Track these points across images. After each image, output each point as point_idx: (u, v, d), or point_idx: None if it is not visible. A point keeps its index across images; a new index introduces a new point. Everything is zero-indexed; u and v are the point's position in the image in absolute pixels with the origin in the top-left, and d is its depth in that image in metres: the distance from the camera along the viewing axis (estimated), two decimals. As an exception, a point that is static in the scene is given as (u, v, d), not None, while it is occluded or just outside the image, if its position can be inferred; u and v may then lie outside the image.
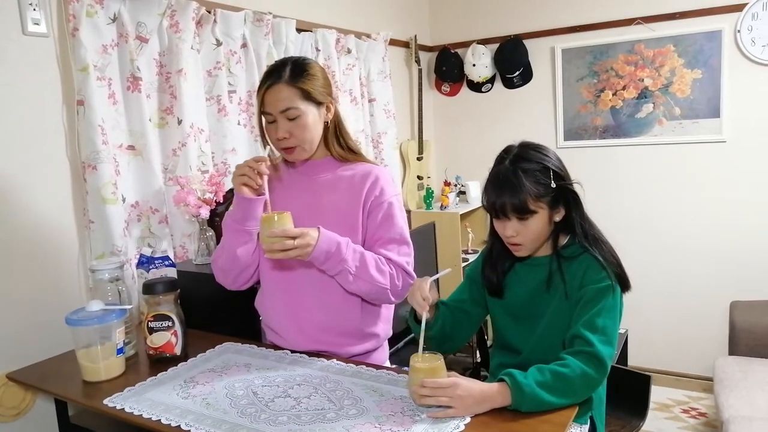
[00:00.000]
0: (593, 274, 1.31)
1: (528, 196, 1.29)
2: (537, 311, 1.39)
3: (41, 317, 1.72)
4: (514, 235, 1.34)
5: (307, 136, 1.47)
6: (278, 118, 1.44)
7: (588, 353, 1.21)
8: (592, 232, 1.37)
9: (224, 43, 2.24)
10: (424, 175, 3.62)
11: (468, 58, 3.58)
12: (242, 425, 1.18)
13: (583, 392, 1.22)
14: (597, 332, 1.23)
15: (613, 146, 3.40)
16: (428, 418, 1.17)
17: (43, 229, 1.74)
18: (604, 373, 1.22)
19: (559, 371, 1.19)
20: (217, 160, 2.23)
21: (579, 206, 1.37)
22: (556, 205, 1.34)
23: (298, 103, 1.44)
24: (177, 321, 1.53)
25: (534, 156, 1.34)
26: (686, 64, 3.15)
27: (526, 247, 1.36)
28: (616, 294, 1.30)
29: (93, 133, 1.76)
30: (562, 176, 1.34)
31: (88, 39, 1.77)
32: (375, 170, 1.55)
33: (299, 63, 1.48)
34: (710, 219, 3.22)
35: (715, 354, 3.01)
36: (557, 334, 1.34)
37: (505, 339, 1.48)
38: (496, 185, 1.33)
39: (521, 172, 1.30)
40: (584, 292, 1.30)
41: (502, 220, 1.35)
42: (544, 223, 1.33)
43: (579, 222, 1.36)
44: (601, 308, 1.27)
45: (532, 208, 1.30)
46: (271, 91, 1.44)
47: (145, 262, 1.71)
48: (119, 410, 1.28)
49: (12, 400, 1.66)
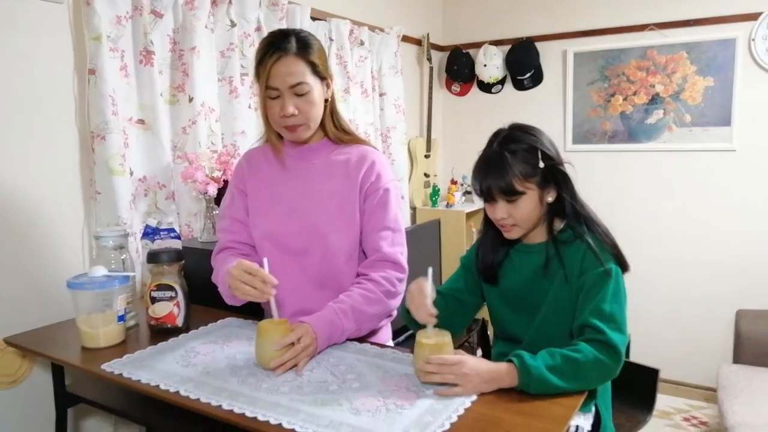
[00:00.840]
0: (591, 259, 1.28)
1: (515, 177, 1.27)
2: (535, 299, 1.36)
3: (42, 285, 1.70)
4: (505, 217, 1.32)
5: (314, 113, 1.42)
6: (285, 94, 1.37)
7: (600, 341, 1.18)
8: (584, 212, 1.35)
9: (238, 25, 2.23)
10: (431, 173, 3.60)
11: (479, 59, 3.58)
12: (242, 393, 1.15)
13: (596, 379, 1.19)
14: (606, 319, 1.20)
15: (622, 151, 3.38)
16: (434, 395, 1.15)
17: (49, 197, 1.72)
18: (618, 360, 1.18)
19: (571, 356, 1.16)
20: (226, 141, 2.21)
21: (569, 187, 1.35)
22: (546, 186, 1.32)
23: (308, 77, 1.38)
24: (180, 292, 1.51)
25: (522, 137, 1.32)
26: (698, 72, 3.13)
27: (519, 227, 1.34)
28: (618, 277, 1.28)
29: (103, 102, 1.75)
30: (550, 156, 1.31)
31: (103, 8, 1.76)
32: (371, 154, 1.51)
33: (303, 34, 1.40)
34: (718, 227, 3.19)
35: (718, 363, 2.98)
36: (558, 320, 1.32)
37: (504, 328, 1.46)
38: (483, 168, 1.32)
39: (508, 153, 1.29)
40: (585, 278, 1.28)
41: (491, 204, 1.34)
42: (534, 204, 1.31)
43: (569, 203, 1.34)
44: (605, 293, 1.24)
45: (520, 189, 1.28)
46: (280, 64, 1.35)
47: (151, 233, 1.69)
48: (117, 375, 1.26)
49: (8, 367, 1.64)
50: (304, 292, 1.50)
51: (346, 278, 1.49)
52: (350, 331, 1.38)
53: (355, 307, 1.38)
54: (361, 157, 1.49)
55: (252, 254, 1.53)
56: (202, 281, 1.73)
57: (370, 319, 1.42)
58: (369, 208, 1.48)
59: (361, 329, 1.42)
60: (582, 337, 1.21)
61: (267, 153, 1.56)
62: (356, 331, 1.40)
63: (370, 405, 1.10)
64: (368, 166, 1.48)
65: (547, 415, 1.07)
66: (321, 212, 1.46)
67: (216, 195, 1.90)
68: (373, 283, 1.43)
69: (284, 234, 1.48)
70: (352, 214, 1.47)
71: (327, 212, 1.46)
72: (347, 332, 1.38)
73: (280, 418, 1.05)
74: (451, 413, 1.07)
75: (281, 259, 1.46)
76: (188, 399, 1.14)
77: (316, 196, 1.48)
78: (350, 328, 1.37)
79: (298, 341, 1.26)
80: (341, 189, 1.47)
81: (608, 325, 1.19)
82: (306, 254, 1.48)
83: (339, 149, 1.52)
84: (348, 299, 1.39)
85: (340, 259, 1.48)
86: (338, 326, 1.35)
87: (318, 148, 1.51)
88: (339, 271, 1.49)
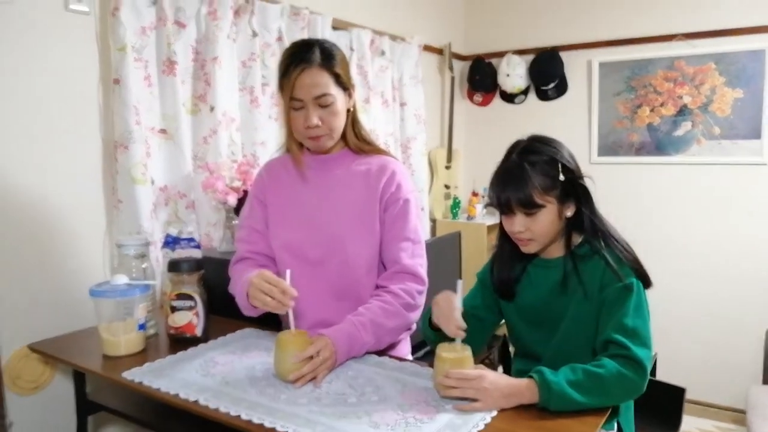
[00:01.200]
0: (611, 274, 1.25)
1: (534, 190, 1.24)
2: (554, 315, 1.32)
3: (66, 293, 1.72)
4: (522, 231, 1.28)
5: (337, 124, 1.42)
6: (309, 105, 1.37)
7: (625, 356, 1.15)
8: (603, 227, 1.31)
9: (260, 35, 2.24)
10: (451, 185, 3.58)
11: (502, 69, 3.55)
12: (261, 404, 1.14)
13: (620, 395, 1.16)
14: (629, 335, 1.17)
15: (649, 164, 3.32)
16: (454, 409, 1.12)
17: (72, 205, 1.74)
18: (643, 376, 1.15)
19: (594, 371, 1.13)
20: (246, 151, 2.22)
21: (589, 201, 1.31)
22: (566, 200, 1.28)
23: (332, 88, 1.38)
24: (200, 301, 1.50)
25: (542, 149, 1.29)
26: (727, 83, 3.07)
27: (537, 242, 1.30)
28: (639, 291, 1.24)
29: (127, 112, 1.77)
30: (571, 170, 1.28)
31: (128, 19, 1.79)
32: (391, 164, 1.50)
33: (327, 45, 1.41)
34: (747, 243, 3.11)
35: (747, 384, 2.89)
36: (578, 337, 1.29)
37: (523, 345, 1.43)
38: (502, 179, 1.29)
39: (528, 165, 1.25)
40: (606, 294, 1.24)
41: (509, 216, 1.30)
42: (553, 218, 1.28)
43: (588, 217, 1.30)
44: (628, 308, 1.21)
45: (539, 202, 1.25)
46: (304, 76, 1.35)
47: (171, 242, 1.70)
48: (137, 383, 1.26)
49: (31, 373, 1.65)
50: (323, 303, 1.48)
51: (365, 290, 1.48)
52: (370, 345, 1.36)
53: (374, 320, 1.36)
54: (382, 167, 1.49)
55: (269, 265, 1.53)
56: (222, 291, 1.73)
57: (389, 332, 1.40)
58: (389, 218, 1.47)
59: (381, 342, 1.40)
60: (606, 353, 1.18)
61: (287, 163, 1.56)
62: (375, 344, 1.38)
63: (389, 418, 1.08)
64: (389, 176, 1.47)
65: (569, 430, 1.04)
66: (341, 222, 1.46)
67: (236, 205, 1.90)
68: (393, 295, 1.41)
69: (304, 244, 1.47)
70: (372, 224, 1.46)
71: (347, 222, 1.45)
72: (366, 345, 1.36)
73: (298, 430, 1.04)
74: (471, 428, 1.05)
75: (301, 270, 1.45)
76: (207, 408, 1.14)
77: (336, 206, 1.47)
78: (370, 341, 1.36)
79: (317, 354, 1.25)
80: (361, 199, 1.47)
81: (632, 341, 1.16)
82: (325, 264, 1.46)
83: (359, 159, 1.51)
84: (367, 312, 1.37)
85: (359, 269, 1.46)
86: (358, 339, 1.33)
87: (338, 158, 1.51)
88: (358, 282, 1.47)
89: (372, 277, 1.49)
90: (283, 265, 1.48)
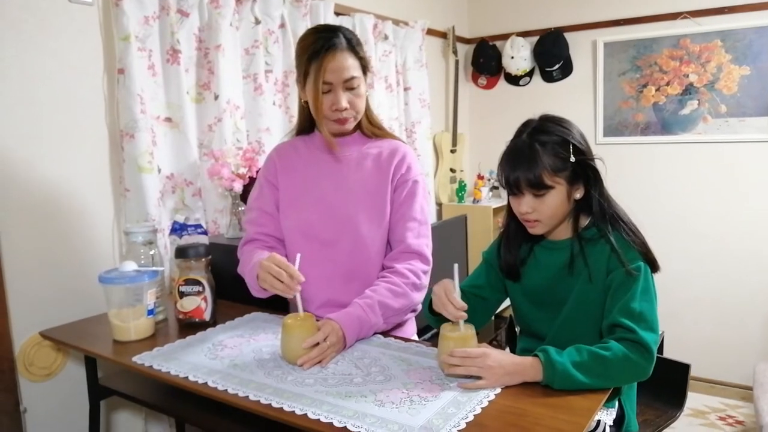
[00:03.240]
0: (618, 257, 1.24)
1: (544, 171, 1.23)
2: (559, 296, 1.32)
3: (76, 280, 1.75)
4: (530, 212, 1.27)
5: (362, 107, 1.47)
6: (337, 88, 1.40)
7: (631, 340, 1.15)
8: (612, 210, 1.29)
9: (263, 22, 2.24)
10: (457, 168, 3.58)
11: (506, 51, 3.53)
12: (268, 385, 1.17)
13: (625, 378, 1.17)
14: (636, 318, 1.17)
15: (655, 144, 3.30)
16: (458, 387, 1.14)
17: (80, 195, 1.76)
18: (650, 359, 1.15)
19: (599, 353, 1.13)
20: (251, 138, 2.23)
21: (599, 183, 1.29)
22: (576, 182, 1.27)
23: (358, 72, 1.43)
24: (207, 286, 1.53)
25: (554, 129, 1.27)
26: (734, 60, 3.04)
27: (543, 223, 1.29)
28: (646, 274, 1.23)
29: (132, 101, 1.78)
30: (582, 151, 1.26)
31: (131, 9, 1.79)
32: (402, 147, 1.54)
33: (349, 31, 1.46)
34: (754, 221, 3.10)
35: (754, 361, 2.90)
36: (582, 319, 1.29)
37: (527, 324, 1.44)
38: (511, 159, 1.27)
39: (538, 145, 1.24)
40: (612, 277, 1.24)
41: (517, 196, 1.29)
42: (562, 200, 1.27)
43: (597, 200, 1.28)
44: (635, 292, 1.20)
45: (549, 183, 1.24)
46: (335, 59, 1.38)
47: (178, 228, 1.72)
48: (147, 367, 1.29)
49: (44, 360, 1.68)
50: (333, 284, 1.51)
51: (374, 270, 1.50)
52: (378, 326, 1.39)
53: (381, 301, 1.39)
54: (393, 150, 1.52)
55: (278, 247, 1.55)
56: (229, 276, 1.76)
57: (396, 312, 1.42)
58: (397, 199, 1.49)
59: (388, 323, 1.43)
60: (612, 336, 1.18)
61: (297, 146, 1.58)
62: (383, 325, 1.41)
63: (394, 397, 1.10)
64: (399, 159, 1.50)
65: (572, 407, 1.06)
66: (352, 202, 1.48)
67: (241, 191, 1.92)
68: (399, 276, 1.43)
69: (315, 224, 1.50)
70: (383, 205, 1.48)
71: (358, 202, 1.48)
72: (375, 327, 1.38)
73: (305, 409, 1.06)
74: (475, 405, 1.06)
75: (311, 250, 1.47)
76: (216, 390, 1.16)
77: (348, 187, 1.50)
78: (378, 323, 1.38)
79: (324, 340, 1.27)
80: (372, 180, 1.49)
81: (639, 324, 1.16)
82: (337, 245, 1.48)
83: (371, 143, 1.54)
84: (374, 294, 1.39)
85: (370, 250, 1.48)
86: (366, 322, 1.35)
87: (351, 142, 1.54)
88: (368, 262, 1.49)
89: (381, 258, 1.51)
90: (294, 246, 1.51)
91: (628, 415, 1.34)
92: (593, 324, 1.28)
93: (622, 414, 1.34)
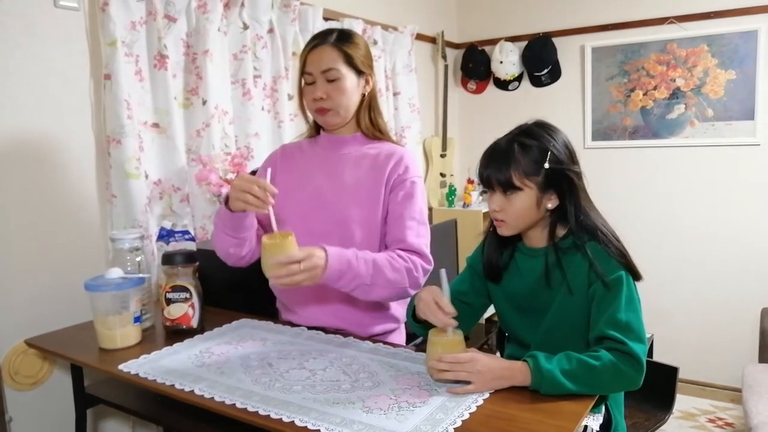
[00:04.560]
0: (598, 268, 1.22)
1: (515, 172, 1.23)
2: (540, 304, 1.32)
3: (62, 287, 1.73)
4: (497, 210, 1.28)
5: (344, 101, 1.47)
6: (318, 79, 1.45)
7: (621, 351, 1.14)
8: (589, 222, 1.27)
9: (251, 27, 2.24)
10: (447, 173, 3.59)
11: (495, 56, 3.55)
12: (256, 392, 1.16)
13: (614, 387, 1.17)
14: (623, 330, 1.16)
15: (643, 147, 3.32)
16: (447, 392, 1.14)
17: (66, 201, 1.75)
18: (640, 370, 1.14)
19: (588, 362, 1.12)
20: (240, 144, 2.22)
21: (574, 195, 1.27)
22: (548, 190, 1.26)
23: (340, 65, 1.44)
24: (194, 293, 1.52)
25: (539, 134, 1.27)
26: (720, 65, 3.07)
27: (508, 224, 1.29)
28: (629, 284, 1.22)
29: (118, 107, 1.77)
30: (560, 160, 1.25)
31: (118, 14, 1.79)
32: (400, 150, 1.54)
33: (346, 31, 1.51)
34: (742, 223, 3.12)
35: (743, 363, 2.91)
36: (565, 329, 1.28)
37: (512, 331, 1.43)
38: (489, 156, 1.29)
39: (517, 146, 1.25)
40: (594, 289, 1.23)
41: (490, 193, 1.30)
42: (530, 204, 1.26)
43: (573, 213, 1.26)
44: (619, 303, 1.19)
45: (517, 185, 1.24)
46: (315, 52, 1.45)
47: (166, 235, 1.71)
48: (133, 375, 1.27)
49: (29, 369, 1.66)
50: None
51: None
52: (362, 282, 1.34)
53: (377, 262, 1.36)
54: (391, 152, 1.53)
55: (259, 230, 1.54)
56: (217, 283, 1.75)
57: (386, 283, 1.37)
58: (394, 198, 1.49)
59: (372, 290, 1.37)
60: (602, 347, 1.17)
61: (302, 146, 1.62)
62: (365, 290, 1.36)
63: (383, 403, 1.10)
64: (396, 160, 1.51)
65: (560, 412, 1.05)
66: (345, 198, 1.48)
67: (230, 197, 1.91)
68: (400, 258, 1.41)
69: (307, 216, 1.50)
70: (376, 204, 1.48)
71: (351, 198, 1.48)
72: (358, 280, 1.34)
73: (292, 416, 1.05)
74: (464, 411, 1.06)
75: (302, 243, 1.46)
76: (202, 398, 1.15)
77: (343, 182, 1.51)
78: (365, 278, 1.34)
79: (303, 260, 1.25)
80: (367, 179, 1.50)
81: (627, 335, 1.15)
82: (327, 238, 1.47)
83: (370, 144, 1.56)
84: (372, 254, 1.38)
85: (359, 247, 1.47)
86: (353, 268, 1.32)
87: (350, 141, 1.56)
88: None
89: None
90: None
91: (616, 420, 1.34)
92: (578, 335, 1.27)
93: (610, 418, 1.34)
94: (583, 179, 1.30)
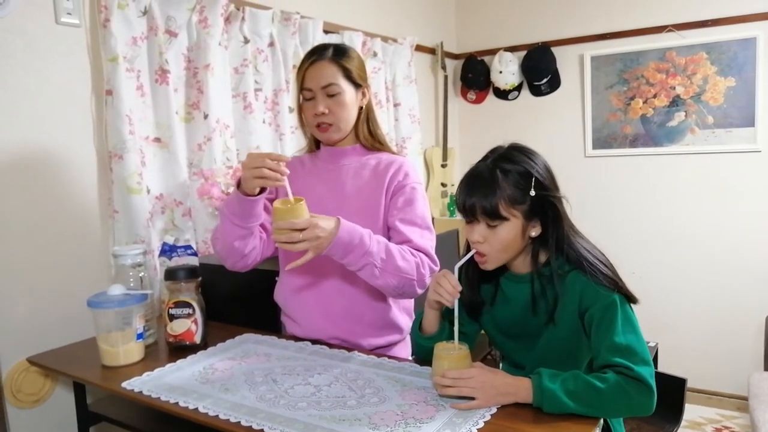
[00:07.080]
0: (591, 294, 1.19)
1: (501, 200, 1.17)
2: (531, 331, 1.28)
3: (64, 304, 1.72)
4: (480, 241, 1.21)
5: (344, 115, 1.48)
6: (318, 95, 1.45)
7: (629, 377, 1.09)
8: (572, 252, 1.21)
9: (252, 41, 2.24)
10: (448, 183, 3.59)
11: (495, 66, 3.56)
12: (261, 410, 1.15)
13: (622, 411, 1.12)
14: (625, 354, 1.11)
15: (644, 155, 3.32)
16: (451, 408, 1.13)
17: (68, 217, 1.75)
18: (650, 395, 1.09)
19: (593, 384, 1.09)
20: (241, 157, 2.22)
21: (558, 223, 1.22)
22: (533, 218, 1.21)
23: (339, 80, 1.46)
24: (197, 309, 1.51)
25: (519, 158, 1.21)
26: (719, 72, 3.08)
27: (491, 258, 1.22)
28: (623, 306, 1.18)
29: (120, 122, 1.77)
30: (544, 186, 1.20)
31: (119, 30, 1.79)
32: (399, 159, 1.55)
33: (341, 45, 1.52)
34: (744, 231, 3.11)
35: (749, 371, 2.90)
36: (556, 355, 1.25)
37: (506, 354, 1.41)
38: (470, 183, 1.21)
39: (500, 173, 1.18)
40: (591, 315, 1.19)
41: (471, 223, 1.23)
42: (515, 234, 1.20)
43: (554, 242, 1.21)
44: (616, 326, 1.15)
45: (504, 214, 1.18)
46: (314, 67, 1.46)
47: (168, 250, 1.70)
48: (137, 393, 1.26)
49: (32, 386, 1.65)
50: (322, 288, 1.50)
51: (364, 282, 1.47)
52: (372, 260, 1.32)
53: (389, 247, 1.36)
54: (390, 161, 1.53)
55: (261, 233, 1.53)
56: (220, 297, 1.74)
57: (395, 270, 1.35)
58: (395, 204, 1.48)
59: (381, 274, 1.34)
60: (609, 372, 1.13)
61: (303, 160, 1.63)
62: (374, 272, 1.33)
63: (389, 419, 1.09)
64: (396, 168, 1.51)
65: (568, 428, 1.04)
66: (346, 208, 1.48)
67: (233, 210, 1.90)
68: (410, 252, 1.41)
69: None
70: (377, 212, 1.48)
71: (352, 207, 1.48)
72: (368, 257, 1.31)
73: (297, 435, 1.04)
74: (471, 426, 1.05)
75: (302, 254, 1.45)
76: (207, 416, 1.14)
77: (343, 192, 1.51)
78: (375, 256, 1.32)
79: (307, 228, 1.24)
80: (367, 188, 1.50)
81: (631, 359, 1.10)
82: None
83: (370, 154, 1.56)
84: (386, 240, 1.38)
85: None
86: (364, 245, 1.30)
87: (350, 152, 1.56)
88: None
89: None
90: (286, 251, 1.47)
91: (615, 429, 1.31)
92: (572, 361, 1.24)
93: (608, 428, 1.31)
94: (564, 205, 1.25)
